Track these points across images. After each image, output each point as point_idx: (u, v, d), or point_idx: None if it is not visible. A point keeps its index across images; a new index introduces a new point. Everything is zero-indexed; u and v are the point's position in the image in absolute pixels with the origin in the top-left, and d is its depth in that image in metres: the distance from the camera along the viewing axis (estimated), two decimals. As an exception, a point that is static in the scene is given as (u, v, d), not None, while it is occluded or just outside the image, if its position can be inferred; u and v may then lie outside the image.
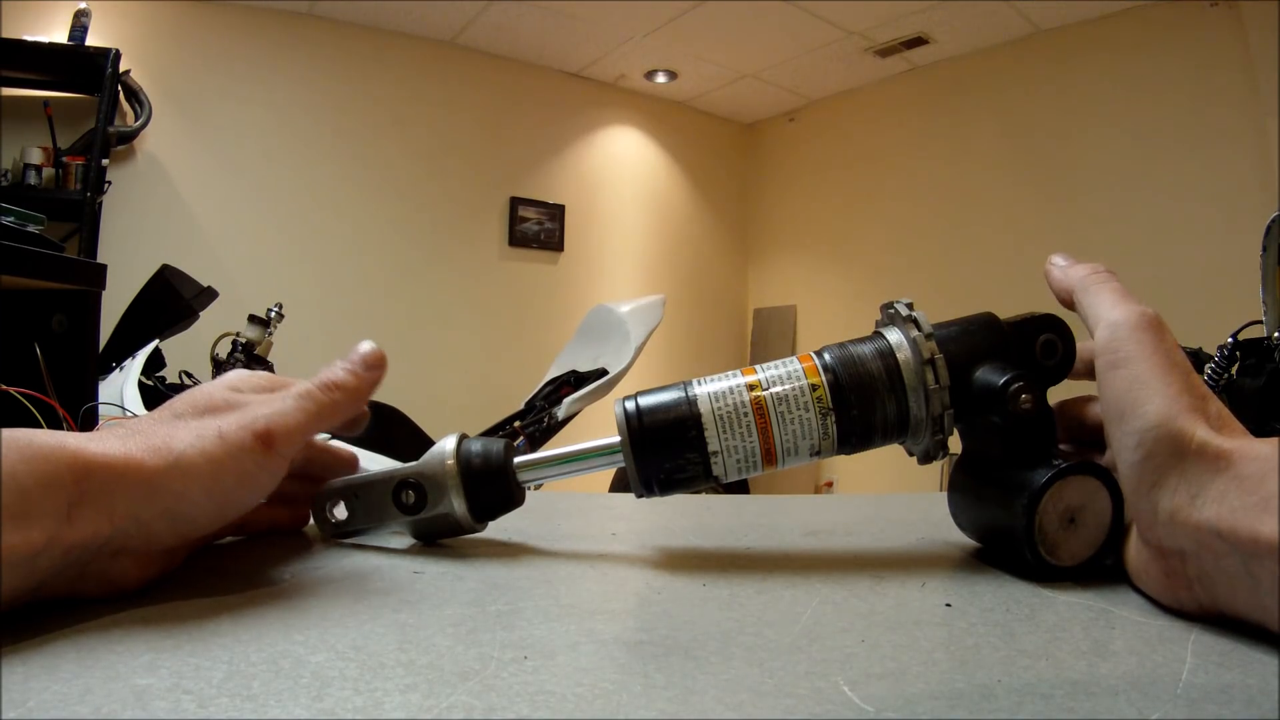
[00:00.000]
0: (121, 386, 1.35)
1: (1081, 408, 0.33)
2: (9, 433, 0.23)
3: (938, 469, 0.35)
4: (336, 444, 0.39)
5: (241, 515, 0.30)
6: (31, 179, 2.36)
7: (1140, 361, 0.27)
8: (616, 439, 0.32)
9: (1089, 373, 0.32)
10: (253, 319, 1.80)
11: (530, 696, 0.19)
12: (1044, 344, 0.32)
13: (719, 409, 0.31)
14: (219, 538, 0.35)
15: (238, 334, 1.77)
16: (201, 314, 1.84)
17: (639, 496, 0.32)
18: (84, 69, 2.44)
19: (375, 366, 0.32)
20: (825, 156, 3.92)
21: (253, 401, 0.30)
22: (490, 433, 1.85)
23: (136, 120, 2.62)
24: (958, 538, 0.35)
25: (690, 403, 0.31)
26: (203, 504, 0.27)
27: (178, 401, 0.30)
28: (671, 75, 3.71)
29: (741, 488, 1.79)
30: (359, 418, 0.33)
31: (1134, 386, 0.26)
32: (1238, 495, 0.23)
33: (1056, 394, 0.32)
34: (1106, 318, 0.28)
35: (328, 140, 3.07)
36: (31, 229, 0.71)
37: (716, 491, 0.37)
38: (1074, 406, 0.33)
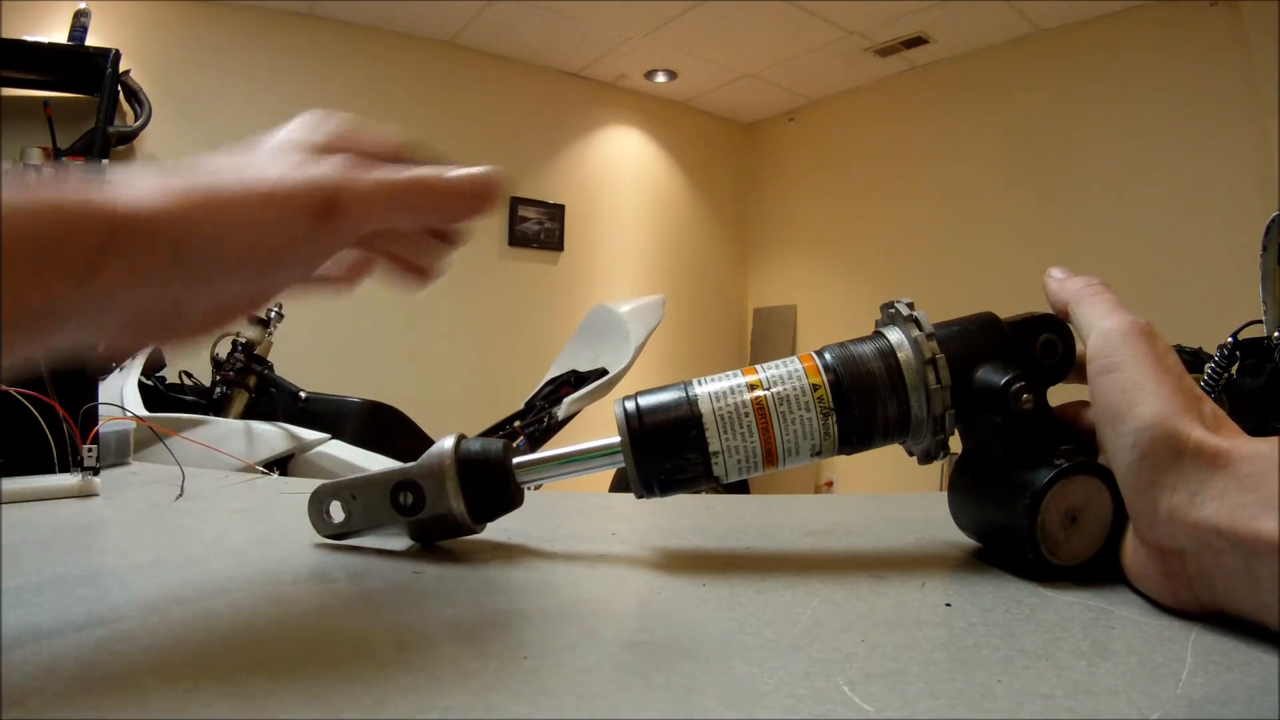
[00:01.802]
0: (121, 386, 1.35)
1: (1073, 414, 0.33)
2: (36, 185, 0.21)
3: (938, 469, 0.35)
4: (339, 447, 0.38)
5: (284, 287, 0.27)
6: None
7: (1133, 365, 0.27)
8: (616, 439, 0.32)
9: (1080, 378, 0.32)
10: (253, 319, 1.79)
11: (530, 696, 0.19)
12: (1044, 344, 0.32)
13: (720, 409, 0.31)
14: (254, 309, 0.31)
15: (238, 334, 1.77)
16: (201, 314, 1.84)
17: (639, 497, 0.32)
18: (84, 69, 2.44)
19: (482, 194, 0.28)
20: (825, 156, 3.92)
21: (332, 161, 0.26)
22: (490, 433, 1.85)
23: (136, 120, 2.62)
24: (958, 538, 0.35)
25: (691, 403, 0.31)
26: (232, 262, 0.24)
27: (273, 138, 0.27)
28: (671, 75, 3.71)
29: (741, 488, 1.79)
30: (369, 261, 0.32)
31: (1128, 389, 0.26)
32: (1238, 493, 0.23)
33: (1054, 398, 0.32)
34: (1099, 326, 0.29)
35: (328, 140, 3.07)
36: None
37: (717, 491, 0.37)
38: (1066, 412, 0.33)
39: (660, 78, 3.74)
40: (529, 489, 0.35)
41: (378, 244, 0.32)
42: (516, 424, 1.87)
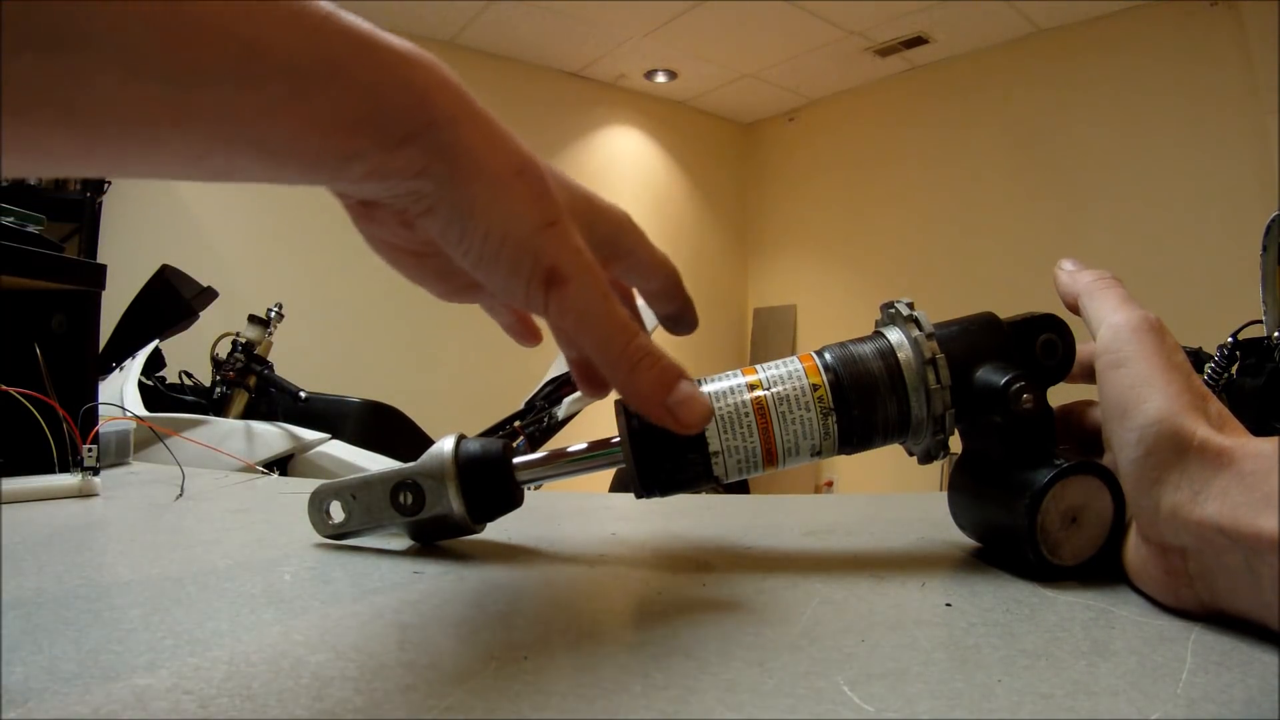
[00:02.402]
0: (121, 386, 1.35)
1: (1080, 411, 0.33)
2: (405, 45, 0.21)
3: (938, 469, 0.35)
4: (339, 447, 0.38)
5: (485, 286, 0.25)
6: (31, 179, 2.36)
7: (1141, 361, 0.27)
8: (616, 439, 0.32)
9: (1086, 376, 0.32)
10: (253, 319, 1.80)
11: (530, 696, 0.19)
12: (1044, 344, 0.32)
13: (720, 409, 0.31)
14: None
15: (238, 334, 1.77)
16: (201, 314, 1.84)
17: (639, 497, 0.32)
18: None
19: (667, 411, 0.26)
20: (825, 156, 3.92)
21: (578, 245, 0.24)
22: (490, 433, 1.85)
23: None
24: (958, 538, 0.35)
25: (690, 403, 0.31)
26: (471, 230, 0.23)
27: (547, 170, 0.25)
28: (671, 75, 3.71)
29: (741, 488, 1.79)
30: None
31: (1135, 385, 0.26)
32: (1240, 492, 0.23)
33: (1055, 398, 0.32)
34: (1109, 320, 0.29)
35: (328, 140, 3.07)
36: (31, 229, 0.71)
37: (717, 491, 0.37)
38: (1072, 410, 0.33)
39: (660, 78, 3.74)
40: (529, 489, 0.35)
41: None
42: (516, 424, 1.87)
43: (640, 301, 0.35)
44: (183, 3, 0.17)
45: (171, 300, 1.76)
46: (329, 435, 1.49)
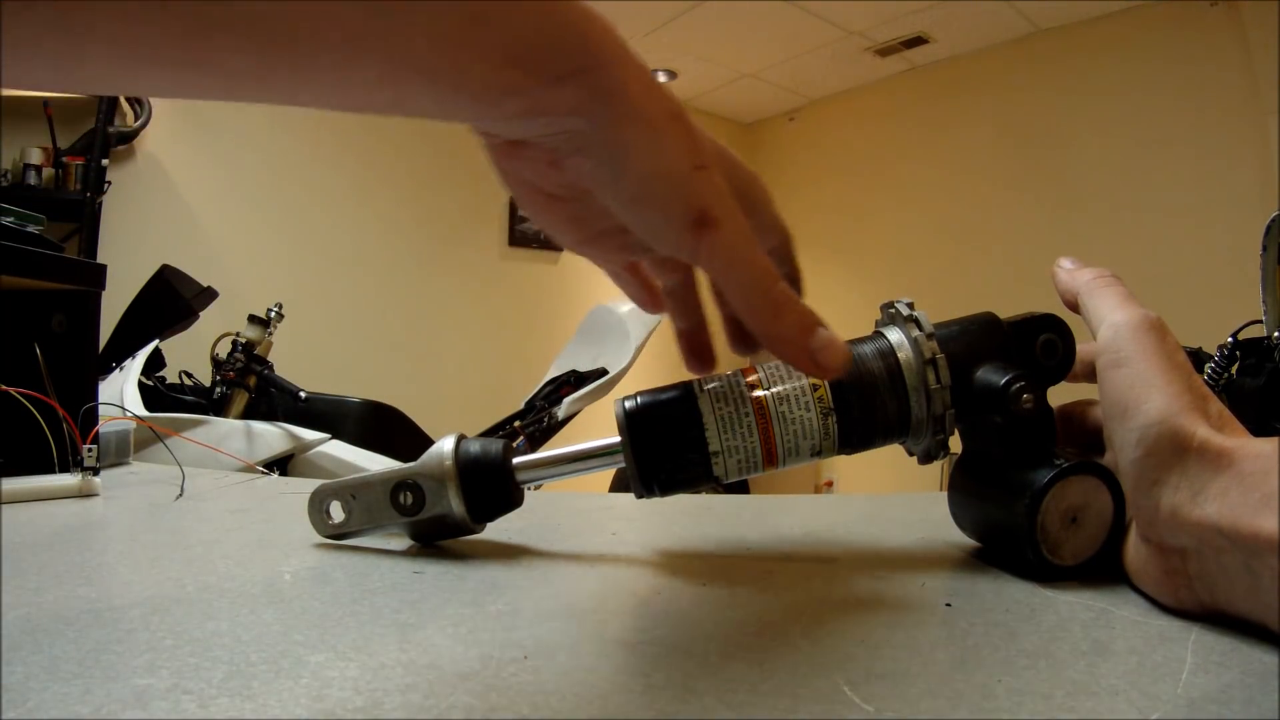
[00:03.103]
0: (121, 386, 1.35)
1: (1080, 411, 0.33)
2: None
3: (938, 469, 0.35)
4: (339, 447, 0.38)
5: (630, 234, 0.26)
6: (31, 179, 2.36)
7: (1142, 360, 0.27)
8: (616, 439, 0.32)
9: (1087, 375, 0.32)
10: (253, 319, 1.80)
11: (530, 696, 0.19)
12: (1044, 344, 0.32)
13: (720, 409, 0.31)
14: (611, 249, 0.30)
15: (238, 334, 1.77)
16: (201, 314, 1.84)
17: (639, 497, 0.32)
18: (84, 69, 2.44)
19: (812, 355, 0.26)
20: (825, 156, 3.92)
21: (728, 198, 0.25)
22: (490, 433, 1.85)
23: (136, 120, 2.62)
24: (958, 538, 0.35)
25: (690, 402, 0.31)
26: (625, 171, 0.23)
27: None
28: (671, 75, 3.71)
29: (741, 488, 1.79)
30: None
31: (1136, 384, 0.26)
32: (1239, 492, 0.23)
33: (1055, 398, 0.32)
34: (1109, 319, 0.29)
35: (328, 140, 3.07)
36: (31, 229, 0.71)
37: (717, 491, 0.37)
38: (1072, 410, 0.33)
39: (660, 78, 3.71)
40: (529, 489, 0.35)
41: (633, 252, 0.31)
42: (516, 424, 1.87)
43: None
44: None
45: (171, 300, 1.76)
46: (329, 435, 1.49)
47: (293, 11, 0.18)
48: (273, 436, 1.44)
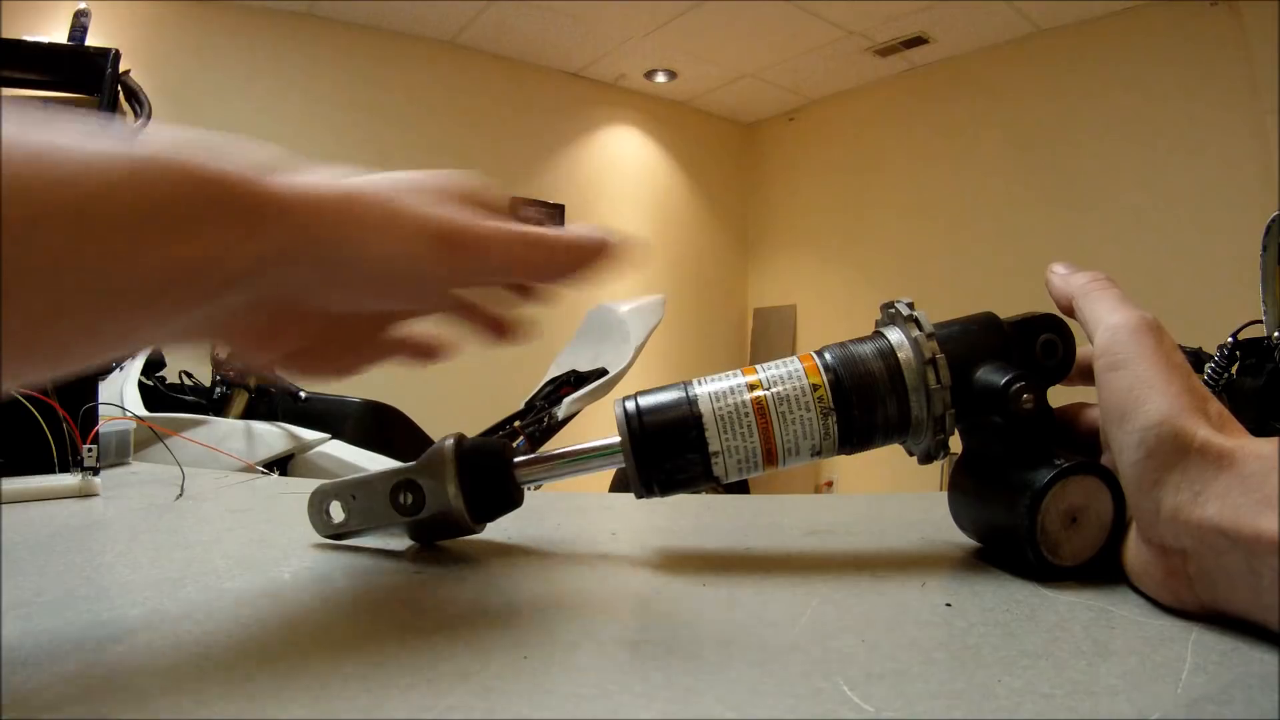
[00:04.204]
0: (121, 386, 1.35)
1: (1075, 414, 0.33)
2: (198, 141, 0.23)
3: (938, 469, 0.35)
4: (339, 447, 0.39)
5: (410, 306, 0.30)
6: None
7: (1140, 362, 0.27)
8: (616, 439, 0.32)
9: (1084, 378, 0.32)
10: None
11: (530, 696, 0.19)
12: (1044, 344, 0.32)
13: (719, 409, 0.31)
14: (382, 350, 0.33)
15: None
16: (201, 314, 1.84)
17: (639, 497, 0.32)
18: (84, 69, 2.43)
19: (592, 251, 0.29)
20: (825, 156, 3.92)
21: (459, 206, 0.28)
22: (490, 433, 1.85)
23: (136, 120, 2.62)
24: (958, 538, 0.35)
25: (691, 402, 0.31)
26: (363, 272, 0.26)
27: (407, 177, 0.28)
28: (671, 75, 3.71)
29: (741, 488, 1.79)
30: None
31: (1135, 386, 0.26)
32: (1240, 493, 0.23)
33: (1053, 400, 0.32)
34: (1106, 321, 0.28)
35: (328, 140, 3.07)
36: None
37: (717, 491, 0.37)
38: (1067, 413, 0.33)
39: (660, 78, 3.74)
40: (529, 489, 0.35)
41: (463, 306, 0.33)
42: (516, 424, 1.87)
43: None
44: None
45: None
46: (329, 435, 1.49)
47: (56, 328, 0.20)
48: (272, 436, 1.44)
